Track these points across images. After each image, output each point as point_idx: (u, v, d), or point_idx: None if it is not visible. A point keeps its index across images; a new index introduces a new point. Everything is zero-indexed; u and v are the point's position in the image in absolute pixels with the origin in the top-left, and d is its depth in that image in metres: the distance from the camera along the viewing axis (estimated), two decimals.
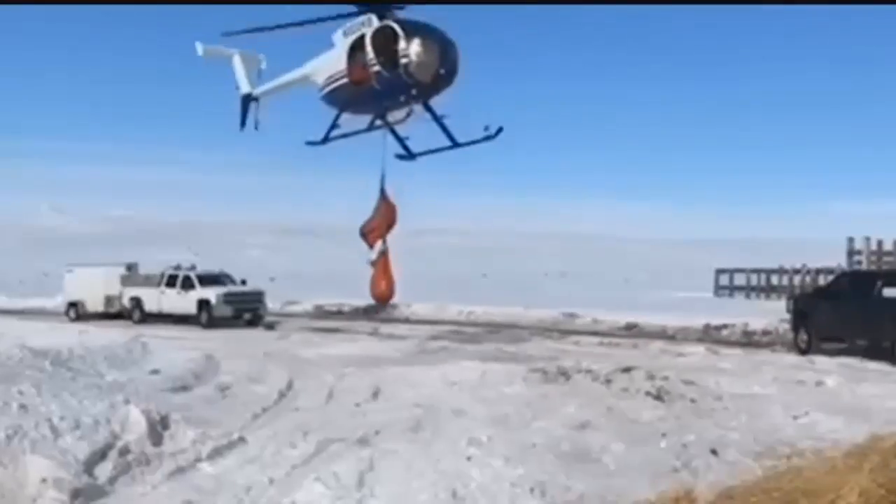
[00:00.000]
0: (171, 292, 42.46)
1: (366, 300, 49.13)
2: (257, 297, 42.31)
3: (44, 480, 10.75)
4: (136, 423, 13.58)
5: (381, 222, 23.82)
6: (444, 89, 22.41)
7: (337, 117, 24.16)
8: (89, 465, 11.84)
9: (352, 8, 22.88)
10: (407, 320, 41.78)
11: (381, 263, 23.66)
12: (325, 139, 24.52)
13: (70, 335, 31.07)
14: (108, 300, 45.75)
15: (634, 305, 36.55)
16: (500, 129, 22.54)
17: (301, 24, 23.18)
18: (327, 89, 23.98)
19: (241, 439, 13.80)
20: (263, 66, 28.85)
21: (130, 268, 47.35)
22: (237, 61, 28.53)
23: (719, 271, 57.91)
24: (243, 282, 43.36)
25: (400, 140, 23.63)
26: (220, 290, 41.36)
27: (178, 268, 43.75)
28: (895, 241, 38.40)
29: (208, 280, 42.30)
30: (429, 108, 22.92)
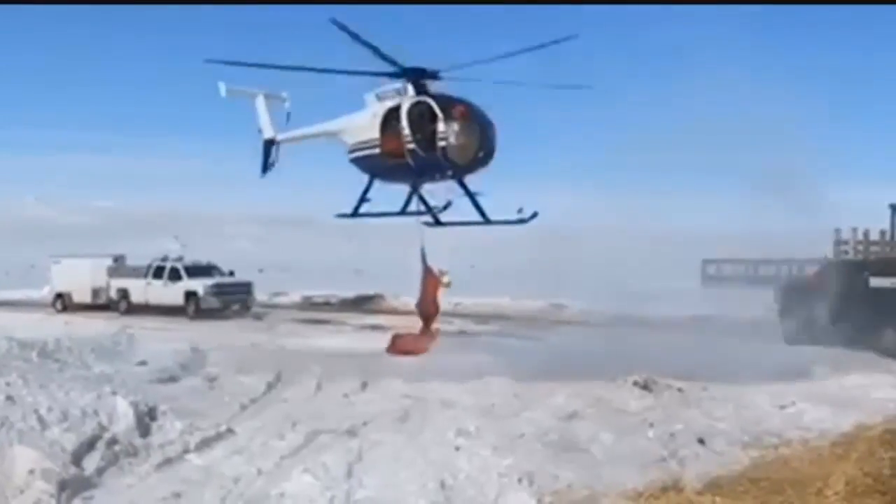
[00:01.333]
0: (159, 284, 42.37)
1: (354, 291, 49.42)
2: (245, 289, 42.26)
3: (31, 472, 10.73)
4: (123, 415, 13.55)
5: (427, 305, 23.80)
6: (481, 169, 22.05)
7: (368, 187, 23.76)
8: (77, 457, 11.81)
9: (385, 66, 22.43)
10: (398, 311, 41.75)
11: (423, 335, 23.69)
12: (356, 213, 24.19)
13: (57, 327, 31.05)
14: (95, 291, 45.64)
15: (622, 296, 36.52)
16: (534, 214, 22.23)
17: (329, 72, 22.64)
18: (357, 154, 23.45)
19: (230, 430, 13.79)
20: (287, 104, 28.39)
21: (117, 259, 47.21)
22: (261, 102, 28.01)
23: (706, 261, 57.77)
24: (231, 273, 43.27)
25: (428, 208, 23.28)
26: (208, 281, 41.29)
27: (165, 259, 43.60)
28: (882, 231, 38.44)
29: (196, 271, 42.21)
30: (462, 185, 22.53)
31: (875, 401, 15.24)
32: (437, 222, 23.40)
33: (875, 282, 24.41)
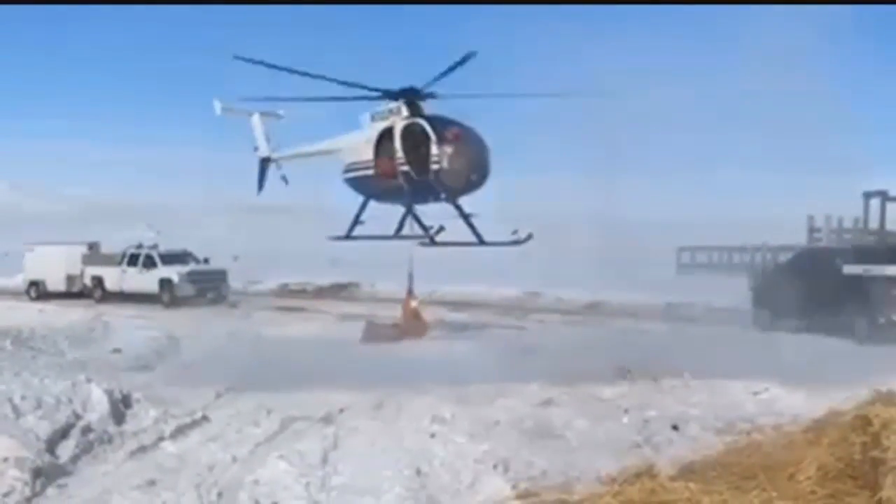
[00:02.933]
0: (133, 271, 42.12)
1: (330, 279, 49.32)
2: (220, 276, 42.06)
3: (5, 460, 10.67)
4: (98, 402, 13.51)
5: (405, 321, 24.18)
6: (475, 191, 21.88)
7: (361, 209, 23.64)
8: (51, 445, 11.79)
9: (376, 93, 22.29)
10: (373, 298, 41.68)
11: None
12: (349, 235, 24.07)
13: (31, 314, 30.88)
14: (70, 279, 45.34)
15: (597, 284, 36.69)
16: (529, 236, 22.13)
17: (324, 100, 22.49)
18: (351, 174, 23.26)
19: (204, 418, 13.77)
20: (283, 121, 28.26)
21: (92, 246, 46.90)
22: (256, 121, 27.81)
23: (681, 249, 57.86)
24: (206, 260, 43.05)
25: (424, 228, 23.20)
26: (183, 268, 41.10)
27: (139, 246, 43.36)
28: (855, 218, 38.69)
29: (170, 259, 41.98)
30: (457, 206, 22.37)
31: (847, 387, 15.32)
32: (433, 242, 23.31)
33: (848, 269, 24.58)
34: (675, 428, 12.41)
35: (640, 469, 9.72)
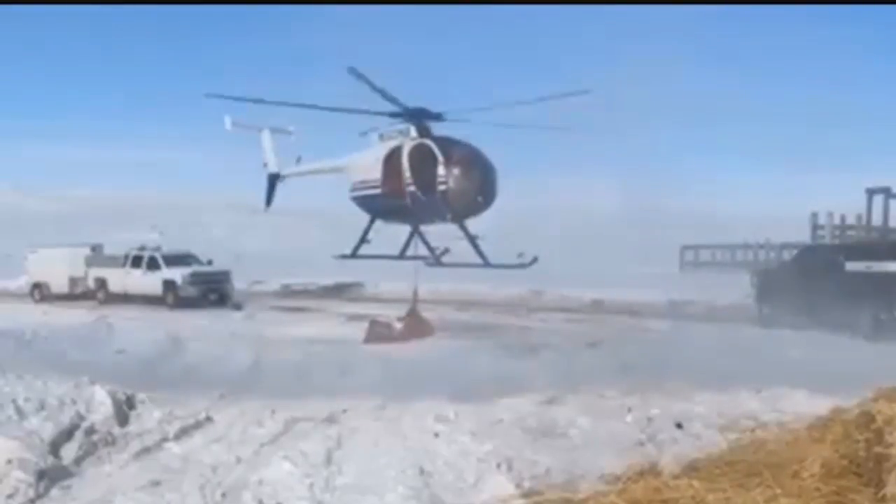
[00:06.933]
0: (137, 273, 42.15)
1: (333, 279, 49.34)
2: (223, 277, 42.04)
3: (9, 462, 10.67)
4: (101, 404, 13.50)
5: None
6: (481, 213, 21.95)
7: (368, 228, 23.73)
8: (55, 446, 11.77)
9: (389, 107, 22.37)
10: (376, 299, 41.65)
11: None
12: (355, 254, 24.18)
13: (35, 316, 30.94)
14: (73, 281, 45.39)
15: (601, 281, 36.73)
16: (534, 259, 22.17)
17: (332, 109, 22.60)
18: (359, 193, 23.40)
19: (208, 418, 13.75)
20: (293, 138, 28.37)
21: (95, 248, 46.96)
22: (266, 137, 27.92)
23: (685, 248, 57.98)
24: (209, 262, 43.07)
25: (430, 249, 23.22)
26: (186, 270, 41.10)
27: (143, 248, 43.40)
28: (857, 215, 38.76)
29: (174, 260, 41.99)
30: (463, 228, 22.41)
31: (851, 384, 15.30)
32: (439, 263, 23.36)
33: (851, 266, 24.60)
34: (678, 426, 12.39)
35: (643, 467, 9.72)
